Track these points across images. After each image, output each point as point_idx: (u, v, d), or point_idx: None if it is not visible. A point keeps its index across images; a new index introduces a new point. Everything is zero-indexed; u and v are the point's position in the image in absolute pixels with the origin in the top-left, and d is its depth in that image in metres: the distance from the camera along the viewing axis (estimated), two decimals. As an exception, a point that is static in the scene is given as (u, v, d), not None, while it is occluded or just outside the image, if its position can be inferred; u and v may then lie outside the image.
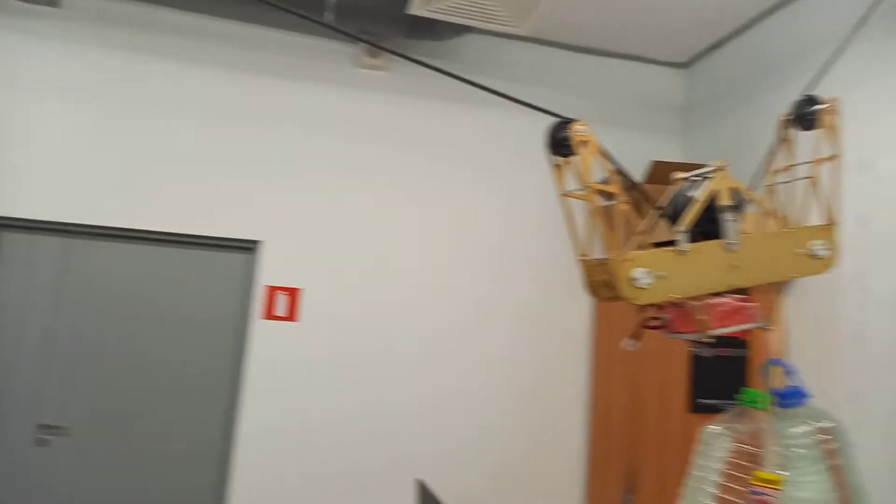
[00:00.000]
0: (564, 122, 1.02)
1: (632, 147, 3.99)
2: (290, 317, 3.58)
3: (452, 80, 2.65)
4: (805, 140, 1.13)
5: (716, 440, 1.06)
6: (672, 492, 3.20)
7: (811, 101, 1.13)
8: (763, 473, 1.02)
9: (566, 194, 1.08)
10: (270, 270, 3.59)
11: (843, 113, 1.09)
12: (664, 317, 1.13)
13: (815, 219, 1.11)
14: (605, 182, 1.04)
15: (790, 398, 1.09)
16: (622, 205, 1.04)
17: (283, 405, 3.47)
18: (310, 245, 3.65)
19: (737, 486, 1.02)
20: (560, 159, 1.08)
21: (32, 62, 3.30)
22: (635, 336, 1.16)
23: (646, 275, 1.02)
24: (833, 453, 1.08)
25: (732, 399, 3.49)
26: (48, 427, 3.37)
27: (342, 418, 3.58)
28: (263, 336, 3.49)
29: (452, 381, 3.77)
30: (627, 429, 3.61)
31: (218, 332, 3.60)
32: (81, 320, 3.40)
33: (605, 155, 1.06)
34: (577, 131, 1.01)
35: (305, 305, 3.60)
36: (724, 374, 3.30)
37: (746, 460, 1.03)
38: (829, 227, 1.11)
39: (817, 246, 1.10)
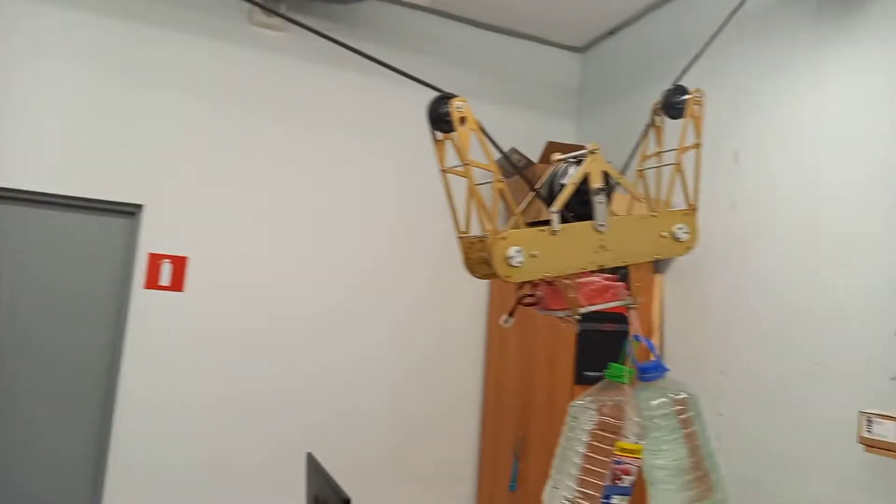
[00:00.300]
0: (444, 97, 1.03)
1: (528, 126, 4.08)
2: (176, 287, 3.44)
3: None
4: (673, 128, 1.19)
5: (582, 413, 1.11)
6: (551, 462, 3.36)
7: (679, 90, 1.19)
8: (624, 444, 1.08)
9: (446, 170, 1.08)
10: (154, 237, 3.42)
11: (706, 104, 1.15)
12: (538, 294, 1.18)
13: (679, 204, 1.17)
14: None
15: (650, 372, 1.16)
16: (498, 183, 1.06)
17: (166, 380, 3.33)
18: (196, 211, 3.50)
19: (601, 457, 1.07)
20: (441, 135, 1.08)
21: None
22: (511, 312, 1.20)
23: (519, 253, 1.05)
24: (687, 422, 1.16)
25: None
26: None
27: (230, 392, 3.48)
28: (146, 307, 3.34)
29: (345, 354, 3.75)
30: (519, 399, 3.75)
31: (96, 301, 3.40)
32: None
33: (485, 132, 1.08)
34: (456, 107, 1.01)
35: (191, 275, 3.46)
36: (607, 349, 3.46)
37: (610, 432, 1.08)
38: (689, 212, 1.17)
39: (679, 230, 1.16)
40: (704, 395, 3.19)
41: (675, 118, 1.19)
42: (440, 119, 1.04)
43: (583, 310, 1.13)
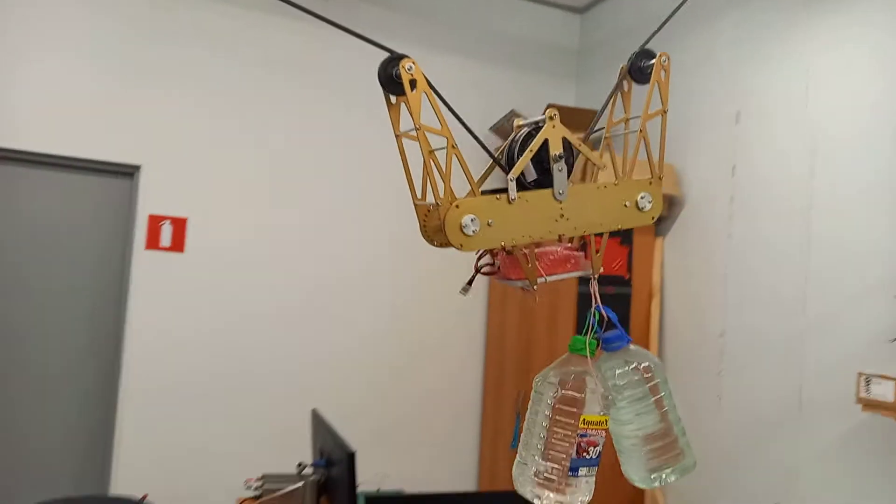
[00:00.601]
0: (395, 58, 1.00)
1: (528, 89, 4.03)
2: (177, 247, 3.45)
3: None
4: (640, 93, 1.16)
5: (545, 388, 1.10)
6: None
7: (646, 54, 1.15)
8: (589, 416, 1.07)
9: (400, 135, 1.06)
10: (153, 198, 3.43)
11: (670, 69, 1.12)
12: (497, 263, 1.16)
13: (644, 173, 1.15)
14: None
15: (614, 342, 1.15)
16: (452, 149, 1.03)
17: (168, 341, 3.37)
18: (194, 172, 3.49)
19: (565, 431, 1.06)
20: (395, 98, 1.05)
21: None
22: (469, 281, 1.18)
23: (473, 222, 1.02)
24: (655, 389, 1.15)
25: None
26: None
27: (229, 351, 3.51)
28: (147, 268, 3.36)
29: (347, 315, 3.76)
30: (520, 358, 3.78)
31: (98, 262, 3.43)
32: None
33: (438, 95, 1.05)
34: (406, 69, 0.98)
35: (191, 236, 3.47)
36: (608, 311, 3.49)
37: (573, 405, 1.07)
38: (653, 181, 1.15)
39: (643, 199, 1.14)
40: (705, 356, 3.25)
41: (641, 83, 1.16)
42: (391, 81, 1.01)
43: (541, 280, 1.11)
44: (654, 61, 1.13)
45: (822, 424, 2.55)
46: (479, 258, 1.18)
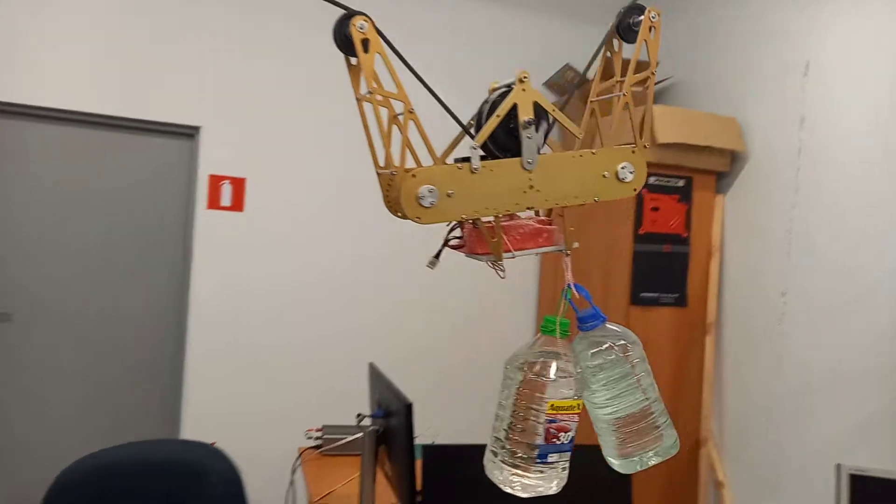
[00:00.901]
0: (347, 16, 0.94)
1: (585, 40, 3.87)
2: (236, 207, 3.54)
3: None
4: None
5: (513, 373, 1.05)
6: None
7: (635, 9, 1.05)
8: (559, 401, 1.02)
9: (360, 98, 1.01)
10: (213, 159, 3.51)
11: (660, 27, 1.01)
12: (464, 236, 1.10)
13: (628, 140, 1.06)
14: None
15: (589, 321, 1.08)
16: (410, 115, 0.98)
17: (230, 296, 3.51)
18: (252, 133, 3.55)
19: (532, 419, 1.02)
20: (354, 59, 1.00)
21: None
22: (437, 254, 1.14)
23: (431, 193, 0.97)
24: (632, 368, 1.08)
25: (671, 292, 3.56)
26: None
27: (290, 308, 3.62)
28: (209, 226, 3.48)
29: (406, 272, 3.78)
30: (572, 319, 3.75)
31: (162, 220, 3.58)
32: (17, 206, 3.35)
33: (398, 55, 0.99)
34: (358, 28, 0.92)
35: (250, 195, 3.55)
36: (664, 269, 3.39)
37: (543, 390, 1.02)
38: (637, 150, 1.05)
39: (623, 169, 1.05)
40: (765, 317, 3.15)
41: (629, 42, 1.06)
42: (345, 41, 0.96)
43: (508, 255, 1.05)
44: (640, 18, 1.02)
45: (882, 389, 2.44)
46: (450, 230, 1.13)
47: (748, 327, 3.26)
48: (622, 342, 1.07)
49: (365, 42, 0.93)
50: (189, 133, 3.55)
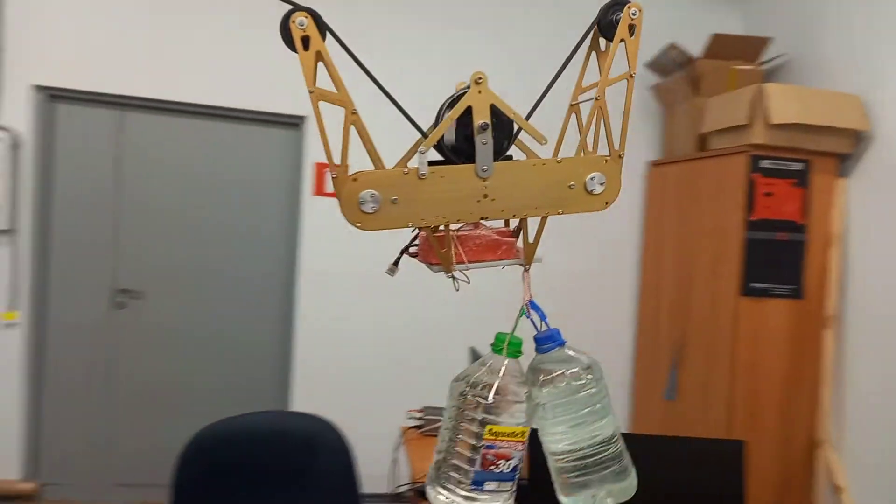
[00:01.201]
0: (291, 11, 0.89)
1: (689, 18, 3.76)
2: (340, 193, 3.74)
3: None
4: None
5: (456, 391, 0.98)
6: (716, 373, 3.27)
7: (616, 4, 0.94)
8: (499, 427, 0.94)
9: (313, 91, 0.95)
10: (318, 147, 3.66)
11: (641, 24, 0.89)
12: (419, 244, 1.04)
13: (601, 148, 0.95)
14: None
15: (546, 343, 1.00)
16: (352, 116, 0.92)
17: (335, 278, 3.67)
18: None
19: (470, 441, 0.95)
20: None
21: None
22: (395, 262, 1.08)
23: (373, 198, 0.91)
24: (591, 398, 0.99)
25: (786, 283, 3.35)
26: (124, 291, 3.69)
27: (391, 292, 3.73)
28: (315, 212, 3.63)
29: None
30: (677, 308, 3.66)
31: (274, 205, 3.78)
32: (142, 191, 3.64)
33: (347, 50, 0.93)
34: (297, 24, 0.87)
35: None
36: (778, 259, 3.20)
37: (483, 413, 0.95)
38: (611, 160, 0.95)
39: (593, 180, 0.94)
40: (892, 311, 3.01)
41: (610, 39, 0.95)
42: (289, 37, 0.91)
43: (461, 266, 0.97)
44: (620, 14, 0.91)
45: None
46: (413, 237, 1.07)
47: (872, 322, 3.03)
48: (573, 370, 0.97)
49: (305, 39, 0.87)
50: (296, 123, 3.72)
